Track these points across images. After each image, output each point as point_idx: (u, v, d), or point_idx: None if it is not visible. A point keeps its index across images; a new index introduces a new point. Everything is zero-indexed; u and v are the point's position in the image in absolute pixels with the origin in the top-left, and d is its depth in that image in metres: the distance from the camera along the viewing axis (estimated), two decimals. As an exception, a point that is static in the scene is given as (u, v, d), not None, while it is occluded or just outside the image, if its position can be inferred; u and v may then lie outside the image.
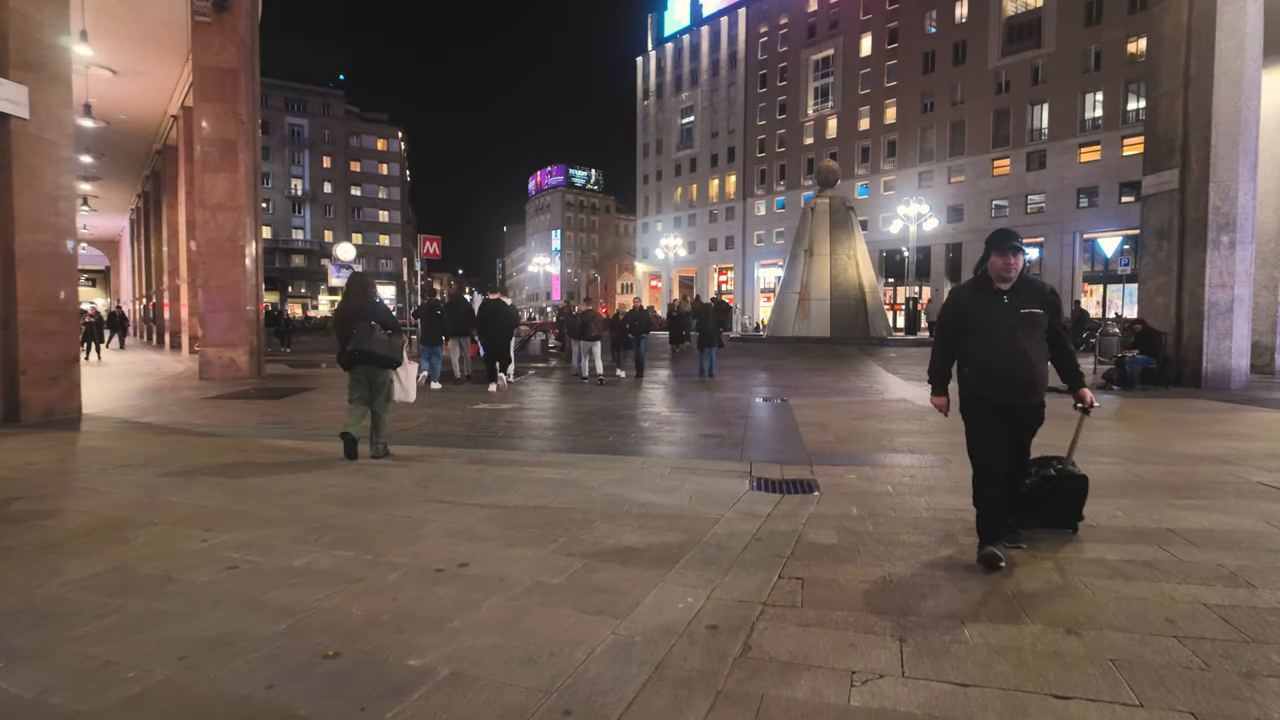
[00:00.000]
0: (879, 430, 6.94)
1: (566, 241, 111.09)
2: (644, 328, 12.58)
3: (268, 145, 76.59)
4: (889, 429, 7.03)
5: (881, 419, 7.71)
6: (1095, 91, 40.33)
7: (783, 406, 8.81)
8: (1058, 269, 41.26)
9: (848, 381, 11.91)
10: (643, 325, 12.58)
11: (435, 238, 20.71)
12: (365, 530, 3.60)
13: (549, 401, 9.35)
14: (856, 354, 17.89)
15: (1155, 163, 11.09)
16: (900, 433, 6.80)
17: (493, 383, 10.55)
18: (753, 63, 61.21)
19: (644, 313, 12.95)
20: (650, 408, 8.67)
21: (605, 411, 8.26)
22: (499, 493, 4.42)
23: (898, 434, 6.72)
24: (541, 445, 6.15)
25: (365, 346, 5.34)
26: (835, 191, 22.81)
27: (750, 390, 10.79)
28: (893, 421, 7.53)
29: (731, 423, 7.42)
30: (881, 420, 7.61)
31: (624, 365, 12.97)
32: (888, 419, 7.71)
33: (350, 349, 5.36)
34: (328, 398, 9.57)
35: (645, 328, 12.61)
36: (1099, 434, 6.81)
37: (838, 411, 8.30)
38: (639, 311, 12.92)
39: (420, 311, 12.00)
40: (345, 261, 18.18)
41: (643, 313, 12.88)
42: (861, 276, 21.77)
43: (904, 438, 6.53)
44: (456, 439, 6.41)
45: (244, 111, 11.63)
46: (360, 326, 5.37)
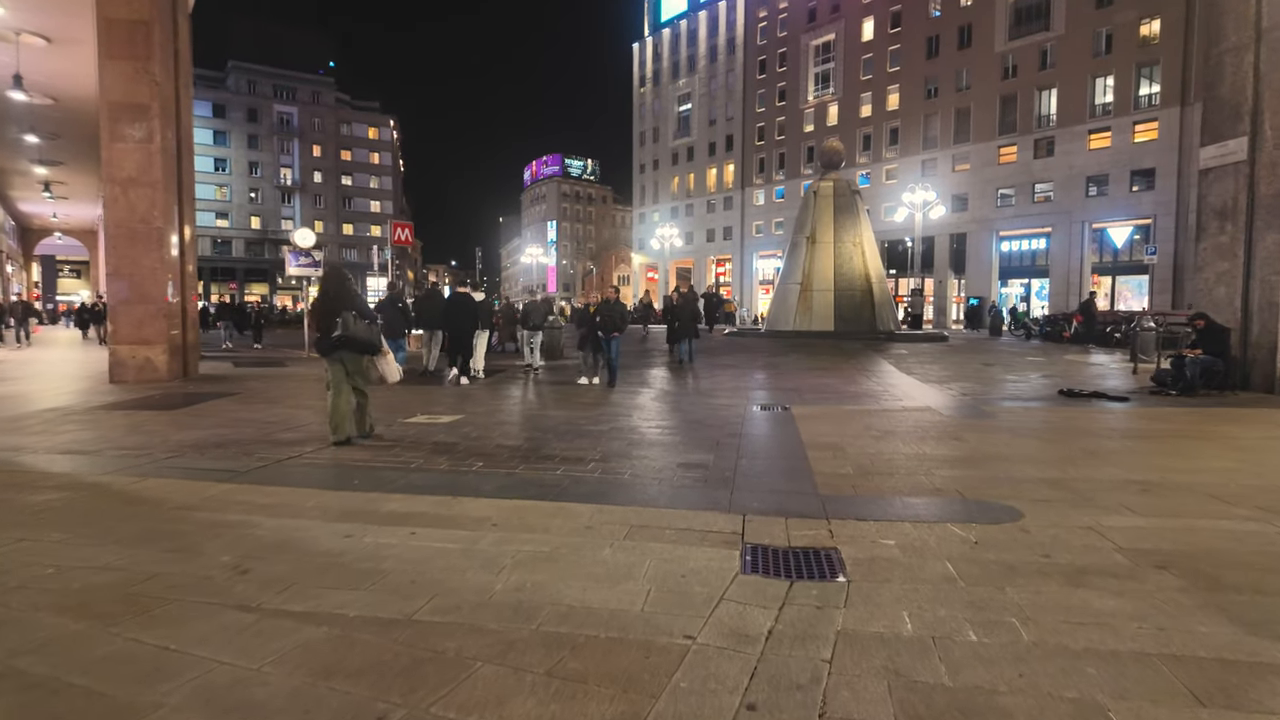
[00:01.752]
0: (910, 456, 5.40)
1: (562, 233, 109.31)
2: (616, 324, 10.35)
3: (256, 134, 74.90)
4: (922, 454, 5.49)
5: (908, 437, 6.17)
6: (1106, 76, 38.87)
7: (784, 418, 7.27)
8: (1065, 260, 39.90)
9: (857, 384, 10.38)
10: (613, 321, 10.34)
11: (407, 224, 19.22)
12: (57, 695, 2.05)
13: (501, 413, 7.78)
14: (863, 350, 16.33)
15: (1217, 130, 9.53)
16: (938, 460, 5.26)
17: (459, 375, 10.80)
18: (751, 48, 59.55)
19: (616, 306, 10.65)
20: (621, 421, 7.12)
21: (564, 428, 6.72)
22: (352, 584, 2.87)
23: (935, 462, 5.19)
24: (461, 483, 4.59)
25: (347, 333, 5.67)
26: (839, 174, 21.16)
27: (746, 395, 9.25)
28: (924, 442, 5.99)
29: (721, 444, 5.88)
30: (909, 439, 6.08)
31: (589, 370, 10.66)
32: (916, 437, 6.17)
33: (335, 335, 5.68)
34: (235, 407, 8.01)
35: (617, 324, 10.37)
36: (1186, 457, 5.27)
37: (852, 425, 6.77)
38: (611, 305, 10.58)
39: (383, 305, 11.74)
40: (304, 249, 16.52)
41: (615, 306, 10.62)
42: (868, 266, 20.15)
43: (945, 469, 5.00)
44: (354, 470, 4.87)
45: (159, 71, 9.99)
46: (342, 315, 5.67)
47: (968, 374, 11.86)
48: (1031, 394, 9.44)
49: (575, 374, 11.12)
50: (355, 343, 5.72)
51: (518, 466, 4.99)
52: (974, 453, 5.58)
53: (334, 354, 5.73)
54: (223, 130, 74.30)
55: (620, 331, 10.55)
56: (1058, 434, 6.41)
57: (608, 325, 10.28)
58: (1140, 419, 7.30)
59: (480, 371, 11.48)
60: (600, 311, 10.52)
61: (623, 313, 10.77)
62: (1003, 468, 5.01)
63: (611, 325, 10.31)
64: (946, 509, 4.02)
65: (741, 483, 4.59)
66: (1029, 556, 3.20)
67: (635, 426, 6.79)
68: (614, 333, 10.32)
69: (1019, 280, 43.65)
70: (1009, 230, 42.95)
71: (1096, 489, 4.38)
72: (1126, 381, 10.77)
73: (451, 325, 11.00)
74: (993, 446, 5.78)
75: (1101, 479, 4.65)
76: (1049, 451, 5.57)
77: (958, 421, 7.06)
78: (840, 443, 5.92)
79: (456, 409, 7.88)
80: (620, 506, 3.99)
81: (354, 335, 5.69)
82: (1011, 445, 5.81)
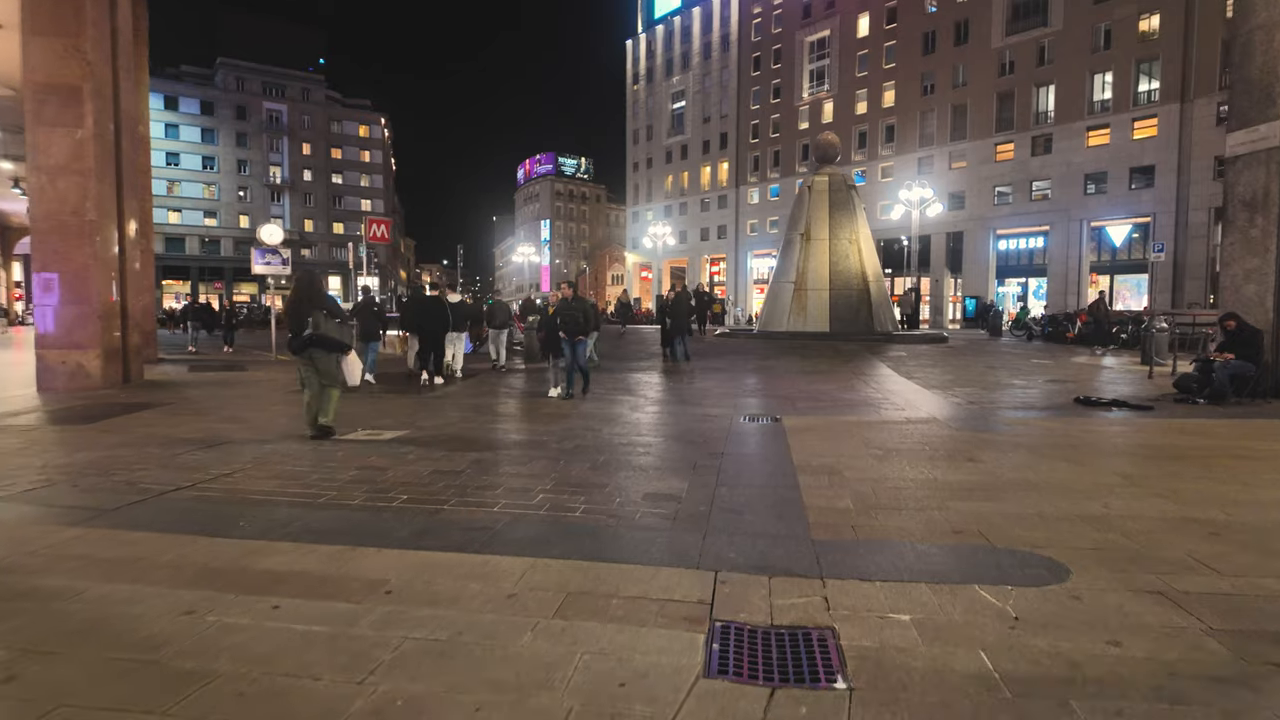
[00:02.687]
0: (918, 483, 4.58)
1: (556, 232, 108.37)
2: (579, 326, 8.85)
3: (244, 132, 73.87)
4: (933, 480, 4.67)
5: (915, 457, 5.36)
6: (1104, 72, 38.28)
7: (774, 432, 6.45)
8: (1064, 258, 39.30)
9: (855, 390, 9.56)
10: (575, 323, 8.82)
11: (385, 219, 18.41)
12: None
13: (454, 427, 6.91)
14: (860, 353, 15.53)
15: (1245, 115, 8.76)
16: (953, 489, 4.44)
17: (431, 377, 10.75)
18: (746, 45, 58.84)
19: (578, 305, 9.01)
20: (589, 437, 6.28)
21: (520, 446, 5.89)
22: (153, 701, 2.02)
23: (950, 491, 4.37)
24: (371, 525, 3.75)
25: (318, 332, 5.90)
26: (835, 168, 20.33)
27: (733, 403, 8.42)
28: (933, 463, 5.18)
29: (700, 466, 5.05)
30: (916, 460, 5.26)
31: (556, 377, 9.29)
32: (924, 457, 5.36)
33: (305, 334, 5.89)
34: (157, 420, 7.13)
35: (580, 326, 8.87)
36: (1245, 483, 4.45)
37: (850, 441, 5.96)
38: (571, 305, 8.96)
39: (358, 308, 11.83)
40: (271, 245, 15.63)
41: (576, 306, 8.97)
42: (864, 264, 19.32)
43: (962, 500, 4.18)
44: (249, 506, 4.02)
45: (91, 49, 9.09)
46: (314, 316, 5.90)
47: (971, 378, 11.09)
48: (1045, 402, 8.65)
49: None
50: (326, 341, 5.98)
51: (449, 501, 4.14)
52: (993, 478, 4.76)
53: (305, 353, 6.00)
54: (210, 128, 73.25)
55: (586, 334, 9.24)
56: (1086, 453, 5.60)
57: (570, 327, 8.82)
58: (1174, 433, 6.50)
59: (459, 371, 11.75)
60: (559, 313, 9.00)
61: (587, 312, 9.17)
62: (1031, 500, 4.20)
63: (575, 327, 8.82)
64: (972, 562, 3.19)
65: (719, 521, 3.76)
66: (1092, 646, 2.37)
67: (603, 444, 5.95)
68: (578, 335, 8.91)
69: (1016, 279, 43.04)
70: (1006, 229, 42.33)
71: (1151, 531, 3.58)
72: (1144, 387, 10.00)
73: (424, 327, 10.97)
74: (1014, 470, 4.97)
75: (1153, 516, 3.84)
76: (1081, 477, 4.76)
77: (969, 437, 6.25)
78: (837, 464, 5.09)
79: (406, 421, 7.03)
80: (561, 561, 3.14)
81: (324, 335, 5.94)
82: (1035, 468, 4.99)
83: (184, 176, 72.10)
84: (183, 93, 71.96)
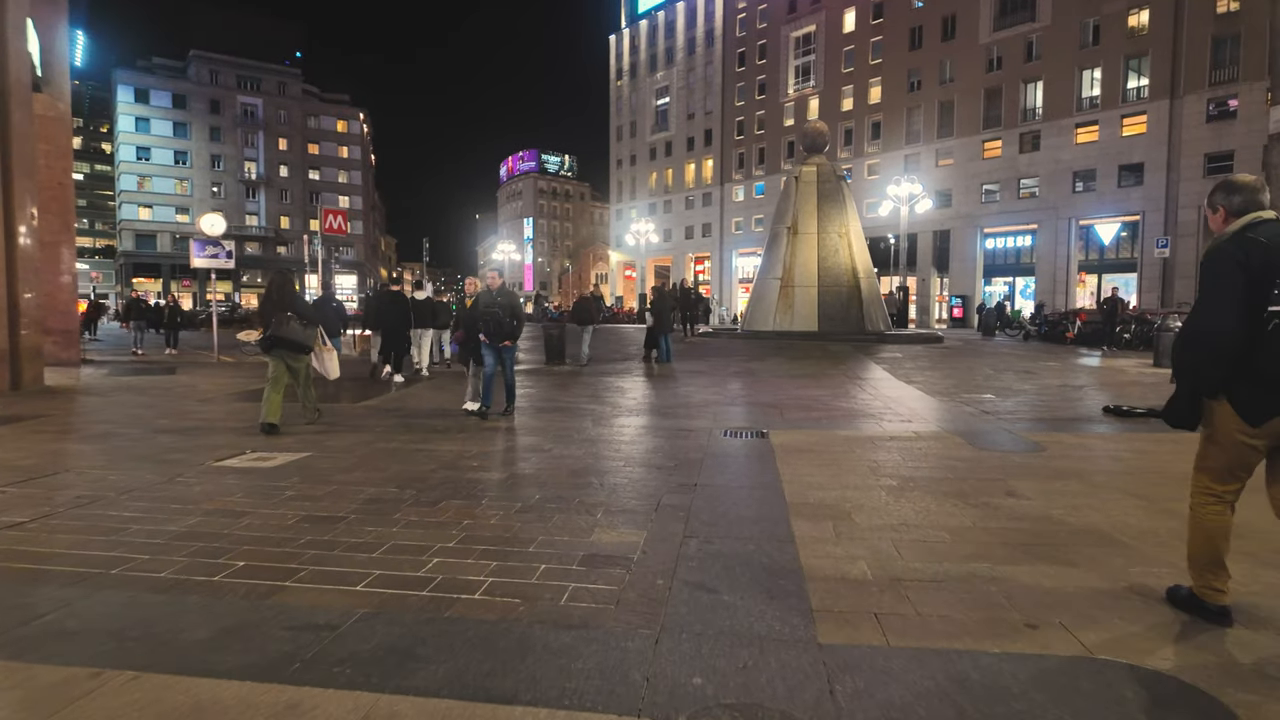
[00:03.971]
0: (954, 533, 3.42)
1: (539, 230, 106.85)
2: (503, 328, 6.85)
3: (219, 126, 71.85)
4: (971, 527, 3.51)
5: (939, 490, 4.21)
6: (1093, 68, 37.85)
7: (760, 452, 5.27)
8: (1052, 257, 38.82)
9: (850, 397, 8.43)
10: (499, 324, 6.82)
11: (340, 210, 17.03)
12: None
13: (365, 448, 5.61)
14: (852, 353, 14.44)
15: (1290, 87, 7.76)
16: (1002, 542, 3.28)
17: (393, 373, 10.71)
18: (731, 40, 57.99)
19: (503, 300, 6.95)
20: (527, 463, 5.07)
21: (437, 477, 4.62)
22: None
23: (999, 546, 3.21)
24: (148, 627, 2.49)
25: (281, 333, 6.24)
26: (824, 158, 19.22)
27: (714, 413, 7.25)
28: (964, 499, 4.02)
29: (663, 507, 3.85)
30: (942, 494, 4.11)
31: (475, 388, 7.34)
32: (951, 491, 4.21)
33: (269, 334, 6.23)
34: (4, 441, 5.81)
35: (504, 328, 6.86)
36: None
37: (854, 467, 4.80)
38: (493, 298, 6.94)
39: (316, 304, 11.45)
40: (213, 237, 14.21)
41: (504, 300, 6.96)
42: (855, 260, 18.22)
43: (1021, 563, 3.01)
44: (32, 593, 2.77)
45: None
46: (278, 316, 6.21)
47: (977, 382, 10.02)
48: (1069, 411, 7.57)
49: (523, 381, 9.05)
50: (286, 342, 6.24)
51: (299, 572, 2.88)
52: (1048, 523, 3.61)
53: (273, 351, 6.29)
54: (183, 122, 71.24)
55: (514, 339, 7.04)
56: (1151, 482, 4.46)
57: (491, 327, 6.76)
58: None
59: (424, 370, 11.76)
60: (477, 308, 6.95)
61: (515, 308, 7.02)
62: (1117, 560, 3.05)
63: (498, 329, 6.76)
64: (1074, 693, 2.02)
65: (683, 607, 2.56)
66: None
67: (548, 472, 4.73)
68: (504, 340, 6.91)
69: (1003, 278, 42.51)
70: (994, 227, 41.78)
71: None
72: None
73: (384, 324, 11.00)
74: (1072, 509, 3.83)
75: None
76: (1163, 522, 3.63)
77: (997, 460, 5.12)
78: (841, 502, 3.92)
79: (312, 442, 5.75)
80: (416, 702, 1.93)
81: (283, 335, 6.18)
82: (1100, 508, 3.86)
83: (155, 171, 69.86)
84: (154, 85, 69.80)
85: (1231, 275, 2.27)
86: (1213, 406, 2.40)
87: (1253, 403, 2.29)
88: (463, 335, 7.63)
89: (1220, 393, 2.36)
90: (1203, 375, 2.38)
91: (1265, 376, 2.25)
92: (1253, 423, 2.30)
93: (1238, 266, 2.26)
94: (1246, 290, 2.24)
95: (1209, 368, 2.34)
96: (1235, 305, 2.25)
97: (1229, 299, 2.26)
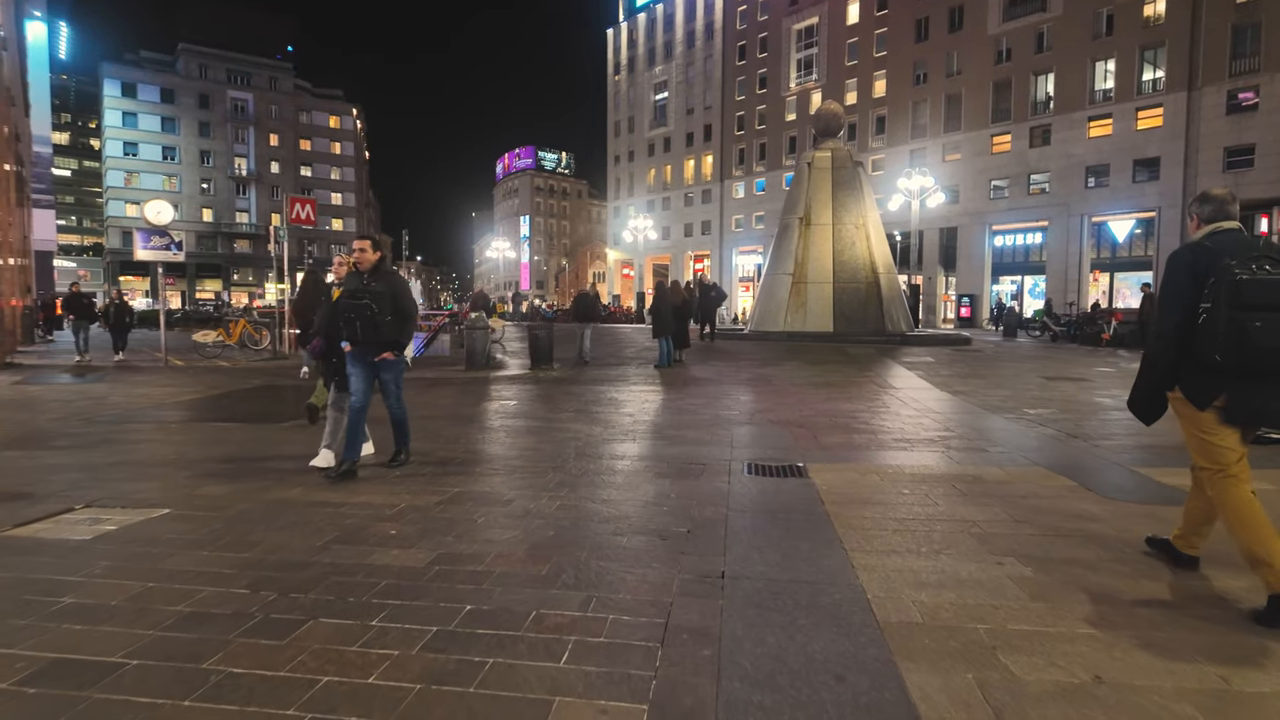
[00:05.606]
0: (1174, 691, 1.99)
1: (536, 228, 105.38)
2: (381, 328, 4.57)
3: (208, 121, 70.37)
4: (1224, 697, 2.09)
5: (1094, 578, 2.79)
6: (1106, 59, 36.69)
7: (805, 504, 3.84)
8: (1063, 255, 37.62)
9: (894, 413, 6.99)
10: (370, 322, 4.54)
11: (311, 200, 15.55)
12: None
13: (250, 496, 4.18)
14: (876, 357, 12.97)
15: None
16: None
17: None
18: (731, 33, 56.75)
19: (386, 286, 4.64)
20: (476, 522, 3.61)
21: (315, 573, 3.14)
22: None
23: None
24: None
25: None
26: (839, 143, 17.68)
27: (728, 436, 5.80)
28: (1164, 606, 2.59)
29: (677, 629, 2.42)
30: (1097, 584, 2.71)
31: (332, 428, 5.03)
32: (1116, 578, 2.78)
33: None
34: None
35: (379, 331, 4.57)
36: None
37: (950, 536, 3.36)
38: (368, 281, 4.65)
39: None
40: (159, 226, 12.74)
41: (383, 286, 4.63)
42: (874, 253, 16.70)
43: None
44: None
45: None
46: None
47: (1033, 394, 8.61)
48: (1174, 435, 6.07)
49: (471, 394, 7.62)
50: None
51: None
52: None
53: None
54: (171, 117, 69.72)
55: (397, 347, 4.70)
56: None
57: (360, 332, 4.51)
58: None
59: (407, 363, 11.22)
60: (345, 299, 4.62)
61: (399, 300, 4.65)
62: None
63: (370, 333, 4.51)
64: None
65: None
66: None
67: (491, 551, 3.24)
68: (383, 351, 4.63)
69: (1012, 277, 41.32)
70: (1002, 224, 40.59)
71: None
72: None
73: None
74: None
75: None
76: None
77: (1143, 515, 3.68)
78: (966, 620, 2.48)
79: (186, 487, 4.27)
80: None
81: None
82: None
83: (142, 167, 68.27)
84: (141, 79, 68.26)
85: (1180, 278, 2.61)
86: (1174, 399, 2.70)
87: (1196, 387, 2.59)
88: (320, 343, 5.01)
89: (1175, 383, 2.66)
90: (1159, 368, 2.68)
91: (1203, 363, 2.52)
92: (1200, 406, 2.59)
93: (1187, 270, 2.59)
94: (1194, 291, 2.54)
95: (1162, 360, 2.67)
96: (1181, 305, 2.58)
97: (1176, 300, 2.60)
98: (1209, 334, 2.45)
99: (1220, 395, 2.52)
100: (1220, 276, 2.44)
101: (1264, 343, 2.37)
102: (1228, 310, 2.41)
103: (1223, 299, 2.42)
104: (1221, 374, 2.48)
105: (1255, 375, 2.44)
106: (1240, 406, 2.50)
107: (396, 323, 4.59)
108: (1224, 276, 2.43)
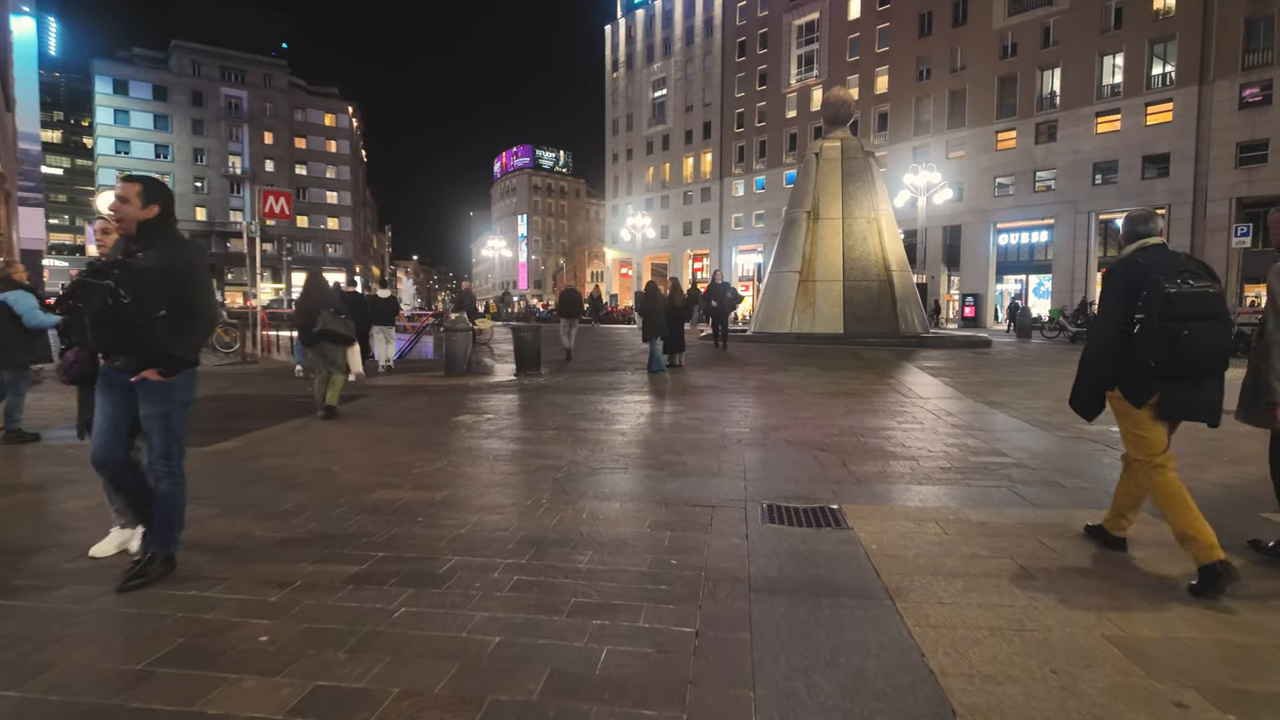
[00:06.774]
0: None
1: (534, 227, 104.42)
2: (129, 335, 2.72)
3: (201, 119, 69.46)
4: None
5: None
6: (1115, 53, 36.02)
7: (853, 579, 2.88)
8: (1069, 254, 36.90)
9: (933, 431, 6.08)
10: (117, 325, 2.70)
11: (286, 193, 14.64)
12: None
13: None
14: (893, 361, 12.06)
15: None
16: None
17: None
18: (730, 29, 56.02)
19: (145, 264, 2.71)
20: (341, 653, 2.54)
21: None
22: None
23: None
24: None
25: (330, 327, 6.91)
26: (848, 132, 16.71)
27: (739, 461, 4.86)
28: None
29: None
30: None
31: (110, 499, 3.10)
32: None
33: (315, 330, 6.85)
34: None
35: (132, 336, 2.71)
36: None
37: (1084, 648, 2.46)
38: (136, 256, 2.75)
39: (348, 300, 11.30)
40: (113, 219, 11.78)
41: (145, 262, 2.72)
42: (886, 249, 15.74)
43: None
44: None
45: None
46: (321, 313, 6.86)
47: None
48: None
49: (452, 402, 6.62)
50: (333, 335, 6.94)
51: None
52: None
53: (315, 344, 6.96)
54: (164, 114, 68.78)
55: (169, 367, 2.75)
56: None
57: (88, 331, 2.83)
58: None
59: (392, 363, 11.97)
60: (79, 279, 2.76)
61: (183, 292, 2.76)
62: None
63: (118, 338, 2.75)
64: None
65: None
66: None
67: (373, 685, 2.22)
68: (146, 368, 2.75)
69: (1016, 276, 40.57)
70: (1007, 222, 39.86)
71: None
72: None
73: None
74: None
75: None
76: None
77: None
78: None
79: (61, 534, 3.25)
80: None
81: (332, 330, 6.92)
82: None
83: (135, 165, 67.28)
84: (134, 76, 67.26)
85: (1116, 290, 2.91)
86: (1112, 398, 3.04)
87: (1134, 388, 2.90)
88: (77, 354, 3.40)
89: (1114, 384, 2.97)
90: (1099, 371, 3.01)
91: (1140, 367, 2.82)
92: (1137, 404, 2.91)
93: (1123, 283, 2.88)
94: (1128, 302, 2.83)
95: (1101, 365, 2.99)
96: (1117, 315, 2.88)
97: (1112, 310, 2.92)
98: (1144, 342, 2.74)
99: (1154, 394, 2.83)
100: (1151, 290, 2.72)
101: (1192, 349, 2.68)
102: (1160, 321, 2.69)
103: (1155, 311, 2.70)
104: (1156, 377, 2.78)
105: (1184, 376, 2.77)
106: (1171, 403, 2.83)
107: (173, 321, 2.69)
108: (1155, 291, 2.71)
